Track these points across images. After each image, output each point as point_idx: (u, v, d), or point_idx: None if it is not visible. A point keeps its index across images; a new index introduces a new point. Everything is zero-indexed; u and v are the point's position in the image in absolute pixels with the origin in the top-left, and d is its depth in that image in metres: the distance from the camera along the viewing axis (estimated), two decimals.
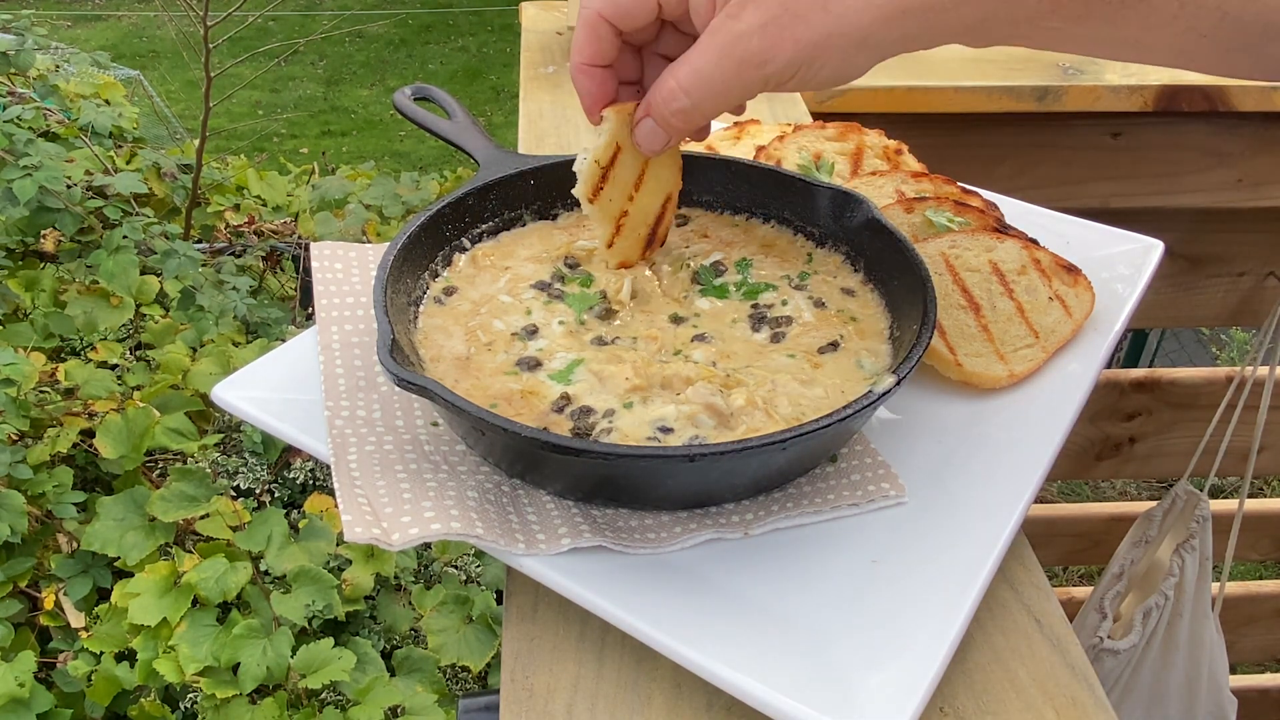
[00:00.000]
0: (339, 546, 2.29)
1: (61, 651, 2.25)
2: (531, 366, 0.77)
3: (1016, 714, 0.61)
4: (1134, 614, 1.97)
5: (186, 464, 2.38)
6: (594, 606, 0.63)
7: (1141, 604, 1.97)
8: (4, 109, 2.77)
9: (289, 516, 2.36)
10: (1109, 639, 1.96)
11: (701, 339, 0.81)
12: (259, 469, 2.45)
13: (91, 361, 2.65)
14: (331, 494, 1.85)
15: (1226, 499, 2.73)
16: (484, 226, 0.90)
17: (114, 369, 2.67)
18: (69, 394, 2.47)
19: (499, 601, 2.34)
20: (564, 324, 0.82)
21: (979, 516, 0.69)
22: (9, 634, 2.14)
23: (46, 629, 2.29)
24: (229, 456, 2.48)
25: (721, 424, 0.71)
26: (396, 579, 2.44)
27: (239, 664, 2.03)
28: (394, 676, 2.21)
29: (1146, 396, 2.25)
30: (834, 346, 0.79)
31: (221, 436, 2.48)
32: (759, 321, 0.82)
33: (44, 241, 2.89)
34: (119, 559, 2.19)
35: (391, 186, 3.21)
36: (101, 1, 11.14)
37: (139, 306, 2.79)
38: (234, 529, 2.21)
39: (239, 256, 3.22)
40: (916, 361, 0.70)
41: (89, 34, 10.21)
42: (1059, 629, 0.66)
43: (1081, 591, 2.61)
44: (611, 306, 0.84)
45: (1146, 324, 3.78)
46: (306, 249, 2.90)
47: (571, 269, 0.88)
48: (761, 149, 1.08)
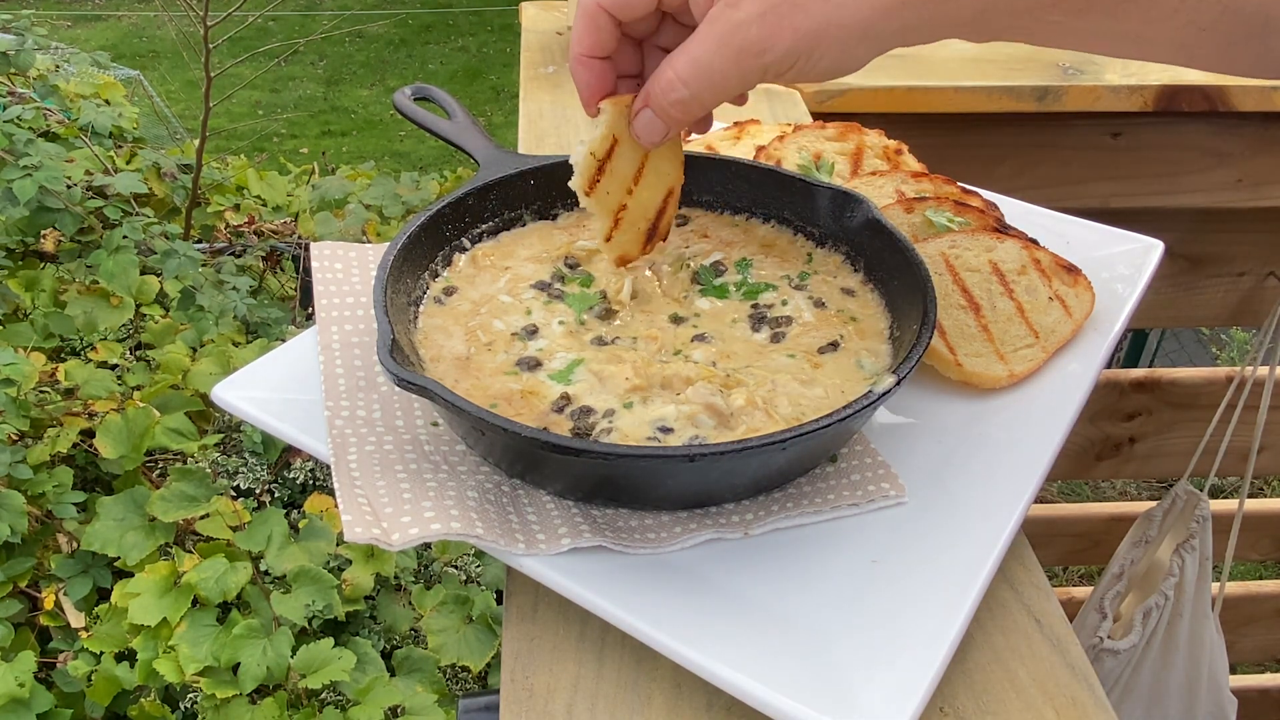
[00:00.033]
0: (339, 546, 2.29)
1: (61, 651, 2.25)
2: (531, 366, 0.77)
3: (1016, 714, 0.61)
4: (1134, 614, 1.97)
5: (186, 464, 2.38)
6: (594, 606, 0.63)
7: (1141, 604, 1.97)
8: (4, 109, 2.77)
9: (289, 516, 2.36)
10: (1109, 639, 1.96)
11: (701, 339, 0.81)
12: (259, 469, 2.45)
13: (91, 361, 2.65)
14: (331, 494, 1.85)
15: (1226, 499, 2.72)
16: (484, 226, 0.90)
17: (114, 369, 2.67)
18: (69, 394, 2.47)
19: (499, 601, 2.34)
20: (564, 324, 0.82)
21: (979, 517, 0.69)
22: (9, 634, 2.14)
23: (46, 629, 2.29)
24: (229, 456, 2.48)
25: (721, 424, 0.71)
26: (396, 579, 2.44)
27: (239, 664, 2.03)
28: (394, 676, 2.21)
29: (1146, 396, 2.25)
30: (834, 346, 0.79)
31: (221, 436, 2.48)
32: (759, 321, 0.82)
33: (44, 241, 2.89)
34: (119, 559, 2.19)
35: (391, 186, 3.21)
36: (101, 1, 11.13)
37: (139, 306, 2.79)
38: (234, 529, 2.21)
39: (239, 256, 3.22)
40: (916, 361, 0.70)
41: (89, 34, 10.20)
42: (1059, 629, 0.66)
43: (1081, 591, 2.61)
44: (611, 306, 0.84)
45: (1146, 324, 3.78)
46: (306, 249, 2.90)
47: (571, 269, 0.88)
48: (761, 149, 1.08)
